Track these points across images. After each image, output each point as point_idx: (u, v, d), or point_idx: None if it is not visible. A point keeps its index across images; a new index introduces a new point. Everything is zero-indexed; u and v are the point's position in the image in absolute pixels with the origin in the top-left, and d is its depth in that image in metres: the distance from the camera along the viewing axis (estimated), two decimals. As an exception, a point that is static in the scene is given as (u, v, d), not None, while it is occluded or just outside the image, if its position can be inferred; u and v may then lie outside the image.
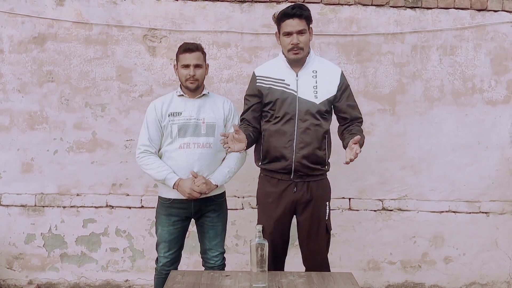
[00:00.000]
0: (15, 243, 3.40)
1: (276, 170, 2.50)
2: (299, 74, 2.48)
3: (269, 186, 2.55)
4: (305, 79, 2.48)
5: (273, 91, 2.48)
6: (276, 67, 2.53)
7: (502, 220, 3.49)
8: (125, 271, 3.44)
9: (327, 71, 2.52)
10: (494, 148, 3.45)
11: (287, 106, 2.45)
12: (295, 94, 2.45)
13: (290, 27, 2.41)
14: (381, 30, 3.36)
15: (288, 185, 2.48)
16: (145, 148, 2.57)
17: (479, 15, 3.38)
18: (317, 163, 2.48)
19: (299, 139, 2.43)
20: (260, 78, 2.53)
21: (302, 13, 2.41)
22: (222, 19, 3.33)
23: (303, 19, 2.41)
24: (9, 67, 3.31)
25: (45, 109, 3.34)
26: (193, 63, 2.51)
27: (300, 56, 2.45)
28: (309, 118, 2.44)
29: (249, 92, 2.59)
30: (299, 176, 2.47)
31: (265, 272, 2.03)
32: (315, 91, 2.46)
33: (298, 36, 2.41)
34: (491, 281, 3.53)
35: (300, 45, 2.41)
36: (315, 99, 2.45)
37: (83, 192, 3.39)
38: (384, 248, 3.48)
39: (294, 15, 2.40)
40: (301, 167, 2.44)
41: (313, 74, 2.49)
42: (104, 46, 3.32)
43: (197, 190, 2.47)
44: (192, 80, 2.52)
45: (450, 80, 3.41)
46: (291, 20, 2.40)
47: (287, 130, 2.45)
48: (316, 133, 2.45)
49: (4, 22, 3.29)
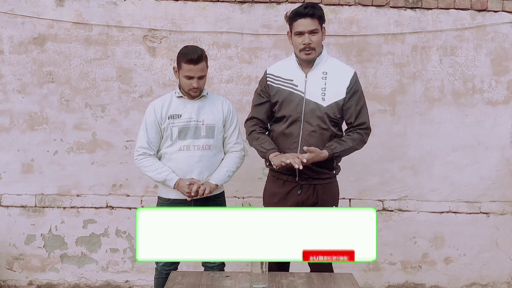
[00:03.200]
0: (15, 243, 3.40)
1: (282, 172, 2.47)
2: (308, 75, 2.43)
3: (275, 187, 2.52)
4: (314, 80, 2.42)
5: (281, 91, 2.45)
6: (287, 66, 2.50)
7: (502, 220, 3.48)
8: (125, 271, 3.44)
9: (338, 72, 2.45)
10: (494, 148, 3.45)
11: (293, 107, 2.42)
12: (302, 95, 2.41)
13: (302, 26, 2.36)
14: (381, 31, 3.36)
15: (294, 187, 2.46)
16: (144, 151, 2.56)
17: (479, 15, 3.38)
18: (323, 166, 2.42)
19: (304, 141, 2.40)
20: (271, 76, 2.51)
21: (314, 13, 2.36)
22: (222, 20, 3.33)
23: (315, 19, 2.36)
24: (9, 67, 3.31)
25: (45, 109, 3.34)
26: (197, 75, 2.47)
27: (312, 57, 2.40)
28: (315, 120, 2.40)
29: (259, 89, 2.57)
30: (304, 178, 2.43)
31: (265, 273, 2.02)
32: (323, 93, 2.41)
33: (310, 36, 2.36)
34: (491, 281, 3.53)
35: (312, 45, 2.37)
36: (322, 101, 2.40)
37: (83, 193, 3.39)
38: (384, 248, 3.47)
39: (306, 14, 2.35)
40: (306, 169, 2.37)
41: (322, 75, 2.43)
42: (104, 47, 3.32)
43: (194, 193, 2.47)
44: (195, 90, 2.51)
45: (450, 81, 3.41)
46: (303, 19, 2.35)
47: (293, 132, 2.42)
48: (322, 136, 2.41)
49: (4, 23, 3.29)
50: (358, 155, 3.01)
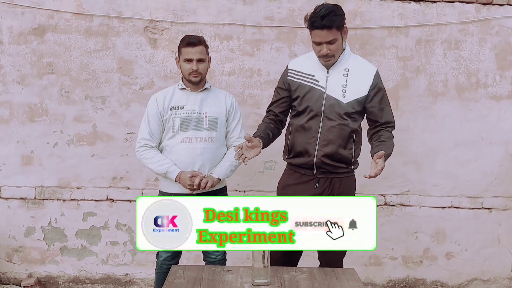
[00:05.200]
0: (15, 236, 3.39)
1: (299, 165, 2.47)
2: (330, 71, 2.40)
3: (291, 179, 2.51)
4: (336, 77, 2.40)
5: (302, 86, 2.43)
6: (309, 61, 2.46)
7: (505, 216, 3.47)
8: (126, 264, 3.43)
9: (361, 70, 2.42)
10: (497, 143, 3.42)
11: (314, 102, 2.40)
12: (323, 91, 2.39)
13: (319, 37, 2.28)
14: (385, 24, 3.33)
15: (311, 179, 2.45)
16: (145, 142, 2.54)
17: (484, 9, 3.34)
18: (341, 161, 2.42)
19: (323, 136, 2.39)
20: (292, 71, 2.48)
21: (331, 25, 2.23)
22: (224, 11, 3.29)
23: (333, 29, 2.25)
24: (9, 58, 3.27)
25: (45, 101, 3.31)
26: (196, 57, 2.48)
27: (331, 63, 2.37)
28: (334, 116, 2.38)
29: (279, 84, 2.55)
30: (322, 172, 2.43)
31: (267, 267, 2.01)
32: (343, 90, 2.38)
33: (328, 45, 2.29)
34: (493, 277, 3.52)
35: (330, 54, 2.31)
36: (342, 98, 2.38)
37: (83, 185, 3.37)
38: (385, 243, 3.46)
39: (323, 27, 2.23)
40: (323, 164, 2.39)
41: (344, 72, 2.40)
42: (104, 38, 3.28)
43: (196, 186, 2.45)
44: (196, 74, 2.49)
45: (454, 75, 3.38)
46: (320, 31, 2.25)
47: (312, 126, 2.41)
48: (342, 131, 2.39)
49: (4, 13, 3.25)
50: (361, 149, 3.00)
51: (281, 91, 2.52)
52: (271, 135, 2.45)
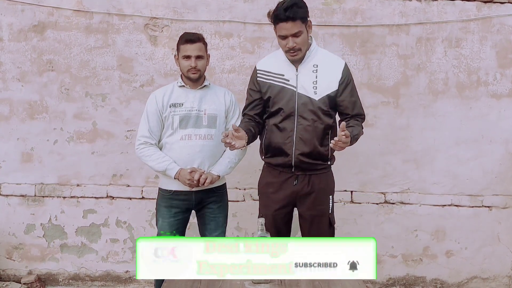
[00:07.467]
0: (15, 233, 3.39)
1: (277, 164, 2.47)
2: (299, 69, 2.39)
3: (270, 177, 2.52)
4: (305, 74, 2.38)
5: (273, 86, 2.42)
6: (277, 61, 2.45)
7: (505, 214, 3.46)
8: (125, 262, 3.43)
9: (329, 65, 2.41)
10: (498, 142, 3.42)
11: (286, 102, 2.39)
12: (294, 90, 2.38)
13: (284, 30, 2.26)
14: (386, 22, 3.32)
15: (289, 177, 2.46)
16: (145, 140, 2.54)
17: (485, 7, 3.33)
18: (318, 158, 2.43)
19: (299, 135, 2.38)
20: (261, 72, 2.47)
21: (295, 16, 2.24)
22: (225, 9, 3.28)
23: (297, 21, 2.25)
24: (9, 55, 3.27)
25: (45, 98, 3.31)
26: (194, 54, 2.47)
27: (299, 57, 2.35)
28: (308, 114, 2.37)
29: (250, 86, 2.53)
30: (300, 169, 2.43)
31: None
32: (314, 87, 2.37)
33: (294, 38, 2.28)
34: (492, 275, 3.52)
35: (297, 47, 2.30)
36: (314, 95, 2.37)
37: (83, 183, 3.37)
38: (385, 241, 3.46)
39: (287, 18, 2.23)
40: (301, 162, 2.40)
41: (313, 68, 2.39)
42: (105, 35, 3.28)
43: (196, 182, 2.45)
44: (194, 71, 2.49)
45: (454, 73, 3.37)
46: (285, 23, 2.24)
47: (287, 126, 2.40)
48: (316, 129, 2.38)
49: (4, 10, 3.24)
50: (361, 148, 3.00)
51: (253, 93, 2.50)
52: (253, 130, 2.43)
